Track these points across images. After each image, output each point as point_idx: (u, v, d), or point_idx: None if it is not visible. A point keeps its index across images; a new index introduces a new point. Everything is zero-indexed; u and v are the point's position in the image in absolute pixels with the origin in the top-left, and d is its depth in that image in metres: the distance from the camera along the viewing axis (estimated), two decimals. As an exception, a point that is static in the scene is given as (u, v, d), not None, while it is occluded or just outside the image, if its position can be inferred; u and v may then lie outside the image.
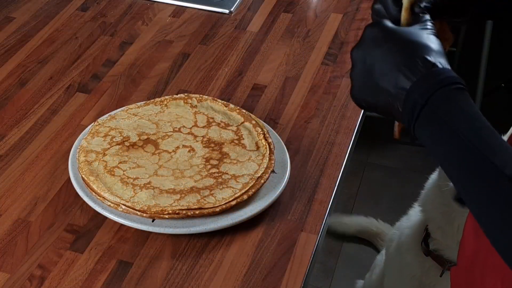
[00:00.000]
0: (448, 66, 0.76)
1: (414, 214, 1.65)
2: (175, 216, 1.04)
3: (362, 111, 1.31)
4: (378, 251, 2.16)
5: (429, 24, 0.81)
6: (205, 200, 1.06)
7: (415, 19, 0.82)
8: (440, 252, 1.51)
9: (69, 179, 1.12)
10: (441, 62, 0.76)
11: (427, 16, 0.82)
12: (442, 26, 0.89)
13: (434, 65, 0.75)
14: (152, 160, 1.13)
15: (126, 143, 1.16)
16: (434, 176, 1.56)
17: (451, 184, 1.35)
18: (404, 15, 0.84)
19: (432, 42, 0.78)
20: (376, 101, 0.78)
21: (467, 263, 0.90)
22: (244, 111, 1.24)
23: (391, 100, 0.76)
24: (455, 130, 0.72)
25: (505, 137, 0.93)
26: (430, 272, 1.54)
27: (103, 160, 1.12)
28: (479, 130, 0.72)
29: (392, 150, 2.71)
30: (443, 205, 1.47)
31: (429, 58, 0.76)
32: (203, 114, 1.24)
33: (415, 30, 0.79)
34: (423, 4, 0.84)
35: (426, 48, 0.77)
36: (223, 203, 1.05)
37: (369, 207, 2.45)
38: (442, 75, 0.74)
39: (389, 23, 0.80)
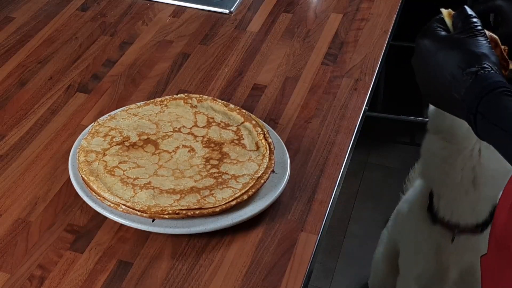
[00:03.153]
0: (494, 68, 0.82)
1: (417, 187, 1.67)
2: (175, 216, 1.04)
3: (362, 111, 1.31)
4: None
5: (479, 27, 0.87)
6: (205, 200, 1.06)
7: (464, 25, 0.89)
8: (448, 218, 1.51)
9: (69, 179, 1.12)
10: (487, 65, 0.82)
11: (474, 21, 0.88)
12: (502, 53, 0.93)
13: (478, 70, 0.82)
14: (152, 160, 1.13)
15: (126, 143, 1.16)
16: (425, 140, 1.57)
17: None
18: (448, 22, 0.91)
19: (477, 46, 0.85)
20: (443, 107, 0.89)
21: (499, 241, 0.93)
22: (244, 111, 1.24)
23: (454, 107, 0.85)
24: (505, 131, 0.77)
25: None
26: (442, 241, 1.55)
27: (103, 160, 1.12)
28: None
29: (392, 150, 2.71)
30: (443, 149, 1.48)
31: (473, 64, 0.83)
32: (203, 114, 1.24)
33: (463, 36, 0.86)
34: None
35: (471, 55, 0.84)
36: (223, 203, 1.05)
37: (369, 207, 2.45)
38: (487, 80, 0.80)
39: (440, 32, 0.88)
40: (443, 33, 0.89)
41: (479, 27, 0.87)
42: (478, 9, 0.96)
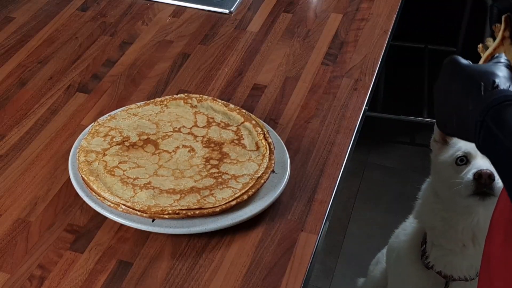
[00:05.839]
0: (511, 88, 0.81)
1: (410, 226, 1.64)
2: (175, 216, 1.04)
3: (362, 111, 1.32)
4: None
5: (502, 59, 0.87)
6: (205, 200, 1.06)
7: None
8: (440, 269, 1.49)
9: (69, 179, 1.13)
10: (505, 84, 0.81)
11: (503, 56, 0.88)
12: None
13: (496, 86, 0.80)
14: (152, 160, 1.13)
15: (126, 143, 1.16)
16: (426, 186, 1.55)
17: (463, 181, 1.35)
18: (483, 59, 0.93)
19: (499, 69, 0.84)
20: (457, 130, 0.86)
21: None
22: (244, 111, 1.24)
23: (466, 126, 0.82)
24: (505, 144, 0.76)
25: None
26: (436, 285, 1.53)
27: (103, 160, 1.12)
28: None
29: (392, 150, 2.71)
30: (443, 211, 1.46)
31: (492, 81, 0.81)
32: (203, 114, 1.24)
33: (486, 64, 0.86)
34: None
35: (490, 74, 0.82)
36: (223, 203, 1.05)
37: (369, 207, 2.45)
38: (500, 93, 0.79)
39: (462, 60, 0.87)
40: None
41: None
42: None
